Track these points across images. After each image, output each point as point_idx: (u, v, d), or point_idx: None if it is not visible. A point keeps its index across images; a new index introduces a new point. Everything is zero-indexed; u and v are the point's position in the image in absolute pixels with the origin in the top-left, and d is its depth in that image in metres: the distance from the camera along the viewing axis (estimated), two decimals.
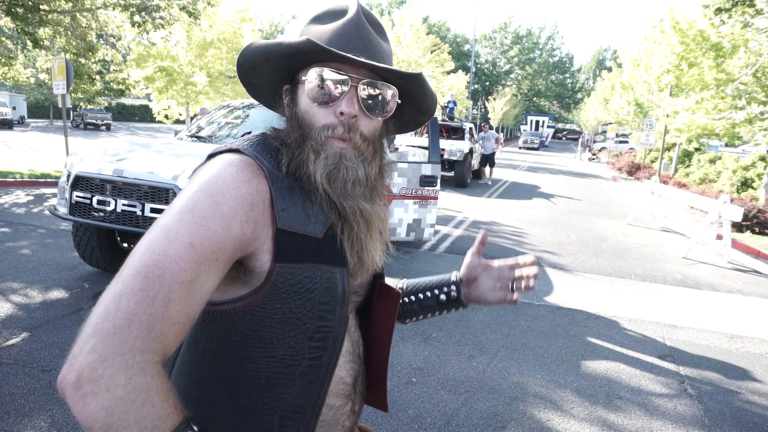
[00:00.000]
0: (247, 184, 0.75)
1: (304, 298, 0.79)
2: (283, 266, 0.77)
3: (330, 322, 0.81)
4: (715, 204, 7.37)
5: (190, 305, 0.68)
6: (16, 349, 3.31)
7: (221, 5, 14.12)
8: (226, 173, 0.74)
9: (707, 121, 11.12)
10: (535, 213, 10.51)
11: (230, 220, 0.71)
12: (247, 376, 0.79)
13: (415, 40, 21.91)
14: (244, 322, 0.78)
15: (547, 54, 70.65)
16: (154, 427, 0.62)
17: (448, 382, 3.31)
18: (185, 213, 0.70)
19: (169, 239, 0.67)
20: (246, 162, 0.78)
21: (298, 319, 0.79)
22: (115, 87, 13.74)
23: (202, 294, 0.70)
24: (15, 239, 5.80)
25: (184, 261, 0.67)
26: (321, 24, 0.86)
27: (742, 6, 9.48)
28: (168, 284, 0.65)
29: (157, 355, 0.64)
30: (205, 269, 0.69)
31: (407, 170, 5.37)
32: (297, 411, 0.81)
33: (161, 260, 0.66)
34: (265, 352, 0.79)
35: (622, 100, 26.00)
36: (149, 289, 0.64)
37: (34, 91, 36.22)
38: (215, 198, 0.71)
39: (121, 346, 0.60)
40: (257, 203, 0.75)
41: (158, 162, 4.11)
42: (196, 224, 0.69)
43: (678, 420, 3.07)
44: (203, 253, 0.69)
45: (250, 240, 0.75)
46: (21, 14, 9.38)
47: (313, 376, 0.81)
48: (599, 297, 5.31)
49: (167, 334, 0.65)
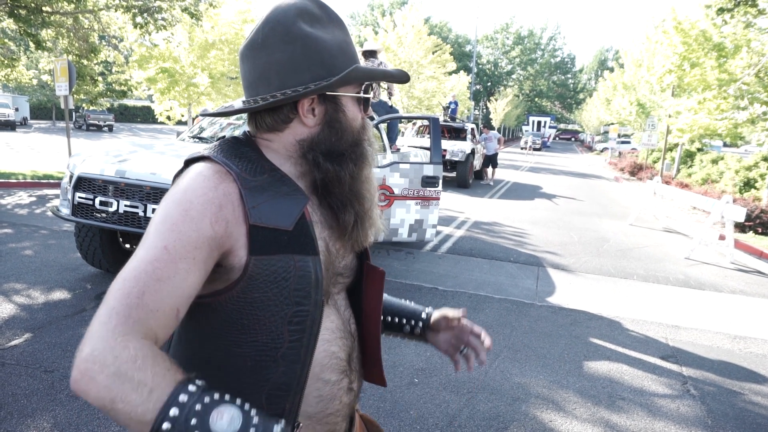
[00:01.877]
0: (213, 189, 0.82)
1: (280, 286, 0.85)
2: (258, 258, 0.83)
3: (306, 306, 0.87)
4: (717, 204, 7.35)
5: (170, 296, 0.75)
6: (18, 350, 3.32)
7: (223, 6, 14.15)
8: (195, 183, 0.83)
9: (709, 121, 11.09)
10: (537, 213, 10.50)
11: (199, 222, 0.79)
12: (234, 361, 0.86)
13: (416, 40, 21.88)
14: (226, 311, 0.85)
15: (549, 54, 70.58)
16: (150, 389, 0.67)
17: (450, 382, 3.31)
18: (159, 224, 0.79)
19: (147, 248, 0.77)
20: (214, 170, 0.85)
21: (276, 306, 0.85)
22: (118, 88, 13.77)
23: (184, 288, 0.77)
24: (18, 240, 5.81)
25: (158, 262, 0.75)
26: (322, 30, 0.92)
27: (745, 6, 9.46)
28: (143, 281, 0.73)
29: (140, 334, 0.71)
30: (183, 267, 0.77)
31: (409, 171, 5.37)
32: (282, 388, 0.88)
33: (138, 266, 0.75)
34: (249, 337, 0.85)
35: (624, 100, 25.98)
36: (125, 288, 0.73)
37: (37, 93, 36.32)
38: (184, 206, 0.80)
39: (105, 334, 0.69)
40: (225, 205, 0.82)
41: (160, 163, 4.12)
42: (167, 231, 0.78)
43: (681, 421, 3.06)
44: (177, 253, 0.77)
45: (224, 237, 0.81)
46: (24, 16, 9.40)
47: (294, 357, 0.87)
48: (601, 297, 5.30)
49: (146, 319, 0.72)
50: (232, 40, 15.28)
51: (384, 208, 5.26)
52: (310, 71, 0.88)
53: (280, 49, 0.88)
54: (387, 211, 5.29)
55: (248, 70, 0.91)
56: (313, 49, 0.89)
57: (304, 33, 0.88)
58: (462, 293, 5.09)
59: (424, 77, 22.72)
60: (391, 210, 5.31)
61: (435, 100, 22.77)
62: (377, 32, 24.18)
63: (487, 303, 4.87)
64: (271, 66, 0.88)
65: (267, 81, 0.89)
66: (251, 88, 0.92)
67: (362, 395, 3.06)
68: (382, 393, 3.11)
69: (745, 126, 10.85)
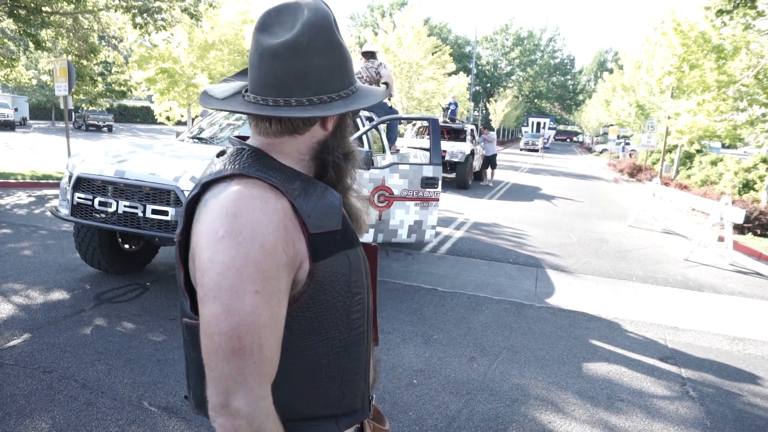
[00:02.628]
0: (274, 213, 0.81)
1: (341, 282, 0.90)
2: (320, 263, 0.86)
3: (362, 294, 0.95)
4: (716, 206, 7.36)
5: (276, 336, 0.81)
6: (17, 350, 3.32)
7: (223, 7, 14.15)
8: (257, 211, 0.79)
9: (709, 122, 11.10)
10: (536, 215, 10.50)
11: (275, 254, 0.79)
12: (311, 363, 0.90)
13: (416, 41, 21.88)
14: (298, 320, 0.87)
15: (549, 56, 70.62)
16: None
17: (449, 384, 3.30)
18: (242, 267, 0.77)
19: (240, 297, 0.76)
20: (261, 188, 0.82)
21: (339, 301, 0.90)
22: (117, 88, 13.76)
23: (280, 320, 0.82)
24: (17, 240, 5.81)
25: (260, 308, 0.78)
26: None
27: (744, 8, 9.47)
28: (256, 333, 0.77)
29: (269, 391, 0.81)
30: (275, 302, 0.80)
31: (408, 172, 5.37)
32: (355, 372, 0.96)
33: (244, 318, 0.77)
34: (320, 337, 0.90)
35: (624, 101, 26.01)
36: (246, 346, 0.77)
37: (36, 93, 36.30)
38: (259, 240, 0.78)
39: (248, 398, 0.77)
40: (288, 224, 0.82)
41: (160, 163, 4.12)
42: (254, 273, 0.77)
43: (679, 422, 3.06)
44: (268, 292, 0.79)
45: (294, 257, 0.84)
46: (23, 16, 9.40)
47: (360, 341, 0.96)
48: (600, 299, 5.31)
49: (270, 372, 0.81)
50: (232, 40, 15.28)
51: (383, 209, 5.26)
52: (342, 80, 0.92)
53: (323, 55, 0.88)
54: (386, 212, 5.29)
55: (283, 70, 0.87)
56: (345, 59, 0.93)
57: (340, 42, 0.92)
58: (461, 294, 5.09)
59: (424, 78, 22.73)
60: (390, 211, 5.31)
61: (434, 101, 22.78)
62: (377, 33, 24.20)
63: (486, 304, 4.87)
64: (312, 70, 0.88)
65: (305, 84, 0.88)
66: (282, 88, 0.88)
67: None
68: (381, 394, 3.11)
69: (745, 128, 10.86)
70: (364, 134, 5.58)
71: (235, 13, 15.20)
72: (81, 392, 2.89)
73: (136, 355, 3.37)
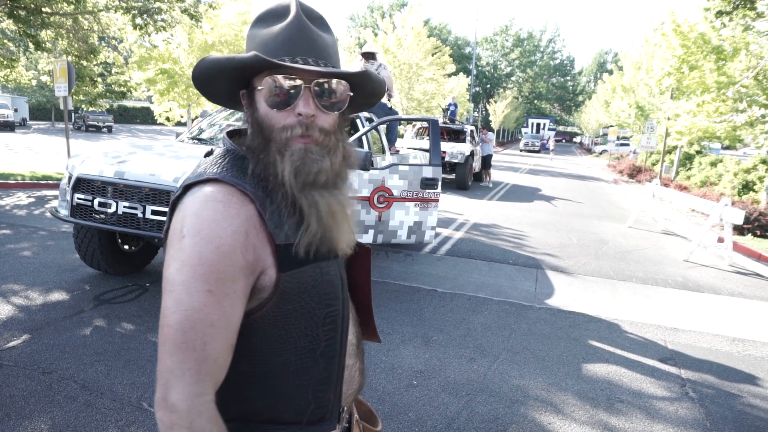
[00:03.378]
0: (237, 217, 0.81)
1: (311, 293, 0.88)
2: (287, 274, 0.85)
3: (336, 306, 0.93)
4: (716, 207, 7.36)
5: (225, 338, 0.80)
6: (16, 351, 3.31)
7: (223, 8, 14.16)
8: (217, 214, 0.80)
9: (708, 123, 11.10)
10: (536, 215, 10.50)
11: (233, 256, 0.80)
12: (277, 369, 0.89)
13: (416, 42, 21.90)
14: (263, 327, 0.87)
15: (548, 57, 70.72)
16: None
17: (448, 385, 3.30)
18: (196, 266, 0.78)
19: (191, 293, 0.78)
20: (229, 193, 0.83)
21: (308, 312, 0.89)
22: (117, 89, 13.77)
23: (233, 323, 0.81)
24: (16, 241, 5.81)
25: (207, 306, 0.78)
26: (265, 26, 0.91)
27: (743, 9, 9.48)
28: (201, 331, 0.77)
29: (210, 392, 0.79)
30: (228, 304, 0.80)
31: (408, 172, 5.37)
32: (325, 383, 0.94)
33: (190, 314, 0.77)
34: (288, 345, 0.89)
35: (623, 102, 26.00)
36: (188, 340, 0.77)
37: (36, 94, 36.32)
38: (215, 242, 0.79)
39: (183, 393, 0.76)
40: (250, 230, 0.82)
41: (159, 164, 4.12)
42: (207, 273, 0.78)
43: (679, 423, 3.06)
44: (221, 293, 0.79)
45: (254, 263, 0.83)
46: (23, 17, 9.40)
47: (331, 353, 0.94)
48: (600, 300, 5.31)
49: (213, 371, 0.79)
50: (232, 41, 15.29)
51: (383, 209, 5.26)
52: None
53: None
54: (386, 213, 5.29)
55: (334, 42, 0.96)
56: None
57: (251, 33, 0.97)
58: (461, 295, 5.09)
59: (424, 79, 22.75)
60: (390, 212, 5.31)
61: (434, 101, 22.79)
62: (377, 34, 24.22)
63: (486, 305, 4.87)
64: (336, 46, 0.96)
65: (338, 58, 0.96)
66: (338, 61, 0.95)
67: (361, 397, 3.05)
68: (381, 395, 3.11)
69: (744, 128, 10.86)
70: (364, 135, 5.58)
71: (234, 13, 15.21)
72: (80, 393, 2.89)
73: (135, 356, 3.36)
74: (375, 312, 4.36)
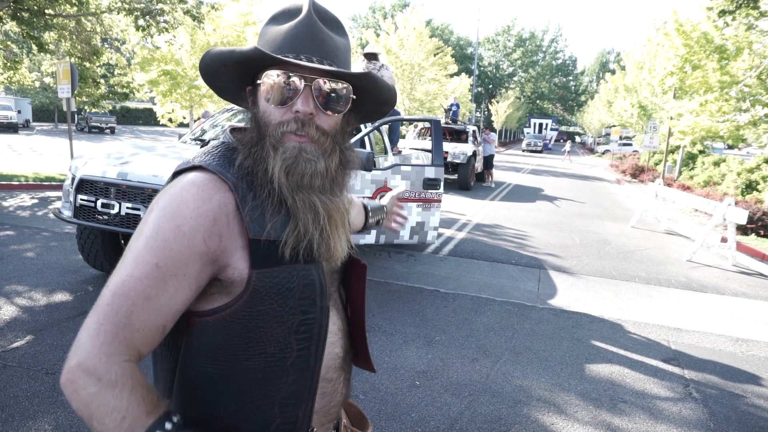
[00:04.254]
0: (207, 202, 0.80)
1: (285, 297, 0.84)
2: (261, 272, 0.82)
3: (312, 314, 0.87)
4: (719, 207, 7.34)
5: (158, 315, 0.77)
6: (20, 352, 3.32)
7: (225, 9, 14.18)
8: (188, 195, 0.80)
9: (711, 123, 11.08)
10: (539, 216, 10.49)
11: (192, 239, 0.78)
12: (243, 374, 0.85)
13: (418, 43, 21.90)
14: (232, 326, 0.83)
15: (551, 57, 70.62)
16: (122, 416, 0.72)
17: (451, 385, 3.30)
18: (150, 238, 0.78)
19: (137, 263, 0.77)
20: (208, 179, 0.82)
21: (281, 317, 0.84)
22: (120, 90, 13.82)
23: (172, 305, 0.78)
24: (19, 242, 5.82)
25: (148, 279, 0.76)
26: (277, 24, 0.91)
27: (746, 8, 9.45)
28: (131, 300, 0.75)
29: (125, 356, 0.74)
30: (173, 284, 0.77)
31: (410, 173, 5.37)
32: (294, 397, 0.88)
33: (128, 280, 0.76)
34: (257, 350, 0.84)
35: (626, 102, 25.97)
36: (115, 303, 0.74)
37: (39, 95, 36.41)
38: (177, 221, 0.78)
39: (90, 351, 0.72)
40: (219, 218, 0.80)
41: (162, 165, 4.13)
42: (159, 247, 0.77)
43: (683, 424, 3.05)
44: (168, 271, 0.77)
45: (218, 252, 0.80)
46: (26, 18, 9.44)
47: (304, 365, 0.88)
48: (603, 300, 5.29)
49: (132, 339, 0.75)
50: (234, 42, 15.31)
51: None
52: None
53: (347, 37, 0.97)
54: None
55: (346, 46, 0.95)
56: None
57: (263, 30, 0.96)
58: (463, 296, 5.08)
59: (426, 79, 22.74)
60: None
61: (436, 102, 22.79)
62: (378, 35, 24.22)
63: (489, 305, 4.86)
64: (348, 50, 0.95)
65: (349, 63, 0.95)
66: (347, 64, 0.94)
67: (363, 398, 3.05)
68: (384, 396, 3.10)
69: (747, 128, 10.83)
70: (366, 135, 5.59)
71: (237, 14, 15.23)
72: None
73: None
74: (377, 312, 4.38)
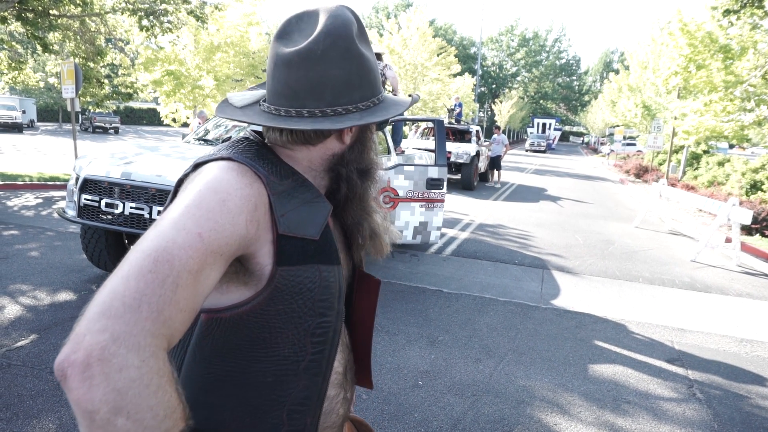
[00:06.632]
0: (249, 186, 0.77)
1: (305, 297, 0.82)
2: (285, 269, 0.79)
3: (329, 317, 0.85)
4: (724, 207, 7.31)
5: (195, 295, 0.67)
6: (24, 351, 3.34)
7: (228, 9, 14.21)
8: (229, 175, 0.76)
9: (715, 123, 11.04)
10: (542, 216, 10.47)
11: (237, 217, 0.73)
12: (254, 377, 0.82)
13: (421, 43, 21.89)
14: (248, 326, 0.80)
15: (554, 56, 70.48)
16: (166, 415, 0.60)
17: (454, 385, 3.30)
18: (192, 207, 0.70)
19: (178, 229, 0.67)
20: (243, 168, 0.79)
21: (299, 317, 0.82)
22: (124, 91, 13.86)
23: (205, 286, 0.69)
24: (24, 242, 5.85)
25: (192, 249, 0.67)
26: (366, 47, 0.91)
27: (751, 8, 9.42)
28: (177, 270, 0.64)
29: (165, 342, 0.62)
30: (210, 262, 0.69)
31: (414, 173, 5.37)
32: (303, 404, 0.85)
33: (170, 246, 0.65)
34: (270, 351, 0.81)
35: (630, 102, 25.90)
36: (159, 271, 0.63)
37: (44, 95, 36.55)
38: (221, 195, 0.73)
39: (133, 326, 0.58)
40: (260, 205, 0.77)
41: (166, 165, 4.14)
42: (203, 217, 0.69)
43: (686, 425, 3.04)
44: (210, 245, 0.69)
45: (252, 239, 0.76)
46: (31, 19, 9.48)
47: (316, 369, 0.85)
48: (607, 300, 5.28)
49: (175, 320, 0.63)
50: (238, 42, 15.36)
51: (388, 210, 5.26)
52: (360, 90, 0.88)
53: (339, 65, 0.84)
54: (391, 214, 5.29)
55: (295, 80, 0.84)
56: (365, 69, 0.88)
57: (359, 52, 0.87)
58: (466, 296, 5.08)
59: (429, 79, 22.74)
60: (395, 212, 5.31)
61: (440, 102, 22.78)
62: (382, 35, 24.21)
63: (492, 306, 4.86)
64: (327, 81, 0.84)
65: (319, 95, 0.84)
66: (295, 98, 0.85)
67: (366, 398, 3.05)
68: (387, 396, 3.10)
69: (752, 128, 10.79)
70: None
71: (240, 15, 15.28)
72: None
73: None
74: (380, 312, 4.38)
